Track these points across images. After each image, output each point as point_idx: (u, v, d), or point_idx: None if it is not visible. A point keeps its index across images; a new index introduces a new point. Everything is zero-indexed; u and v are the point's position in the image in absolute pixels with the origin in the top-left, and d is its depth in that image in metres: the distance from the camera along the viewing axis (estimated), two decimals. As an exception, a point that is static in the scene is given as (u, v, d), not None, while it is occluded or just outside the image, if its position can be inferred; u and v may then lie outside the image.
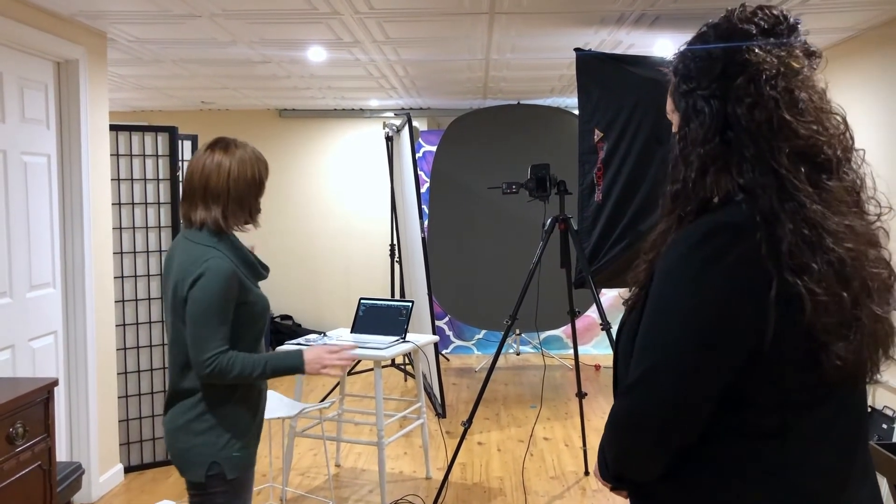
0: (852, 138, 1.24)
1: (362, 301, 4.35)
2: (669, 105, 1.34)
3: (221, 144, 2.28)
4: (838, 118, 1.23)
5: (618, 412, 1.24)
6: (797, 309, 1.12)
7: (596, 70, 3.93)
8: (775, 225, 1.14)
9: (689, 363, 1.16)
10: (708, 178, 1.22)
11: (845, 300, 1.13)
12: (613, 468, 1.29)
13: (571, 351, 7.61)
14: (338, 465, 4.66)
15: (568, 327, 7.38)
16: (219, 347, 2.16)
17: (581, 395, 4.35)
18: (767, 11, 1.25)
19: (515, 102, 6.95)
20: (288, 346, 3.87)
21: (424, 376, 6.06)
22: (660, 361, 1.18)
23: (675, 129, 1.31)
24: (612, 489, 1.33)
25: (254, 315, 2.28)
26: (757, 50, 1.22)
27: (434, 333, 5.30)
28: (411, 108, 7.66)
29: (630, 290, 1.35)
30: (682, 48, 1.31)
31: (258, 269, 2.32)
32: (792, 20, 1.26)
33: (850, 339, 1.14)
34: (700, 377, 1.16)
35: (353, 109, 7.78)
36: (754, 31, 1.23)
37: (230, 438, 2.24)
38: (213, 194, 2.22)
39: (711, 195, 1.21)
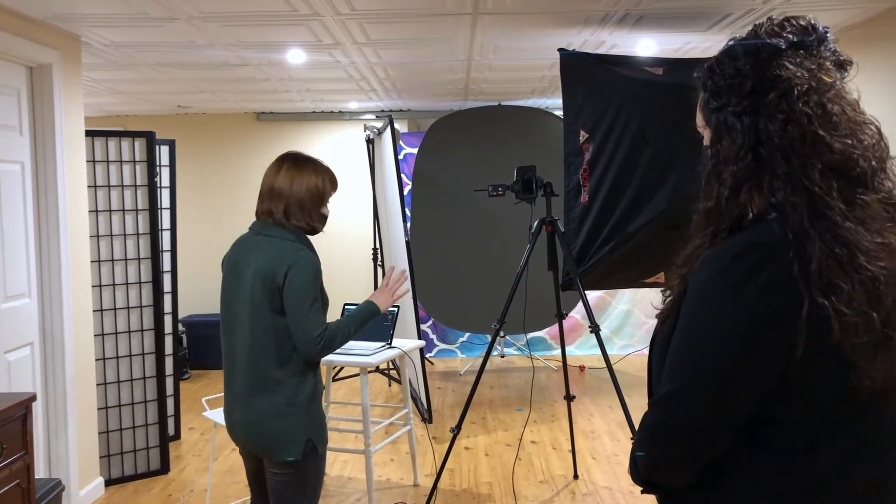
0: (887, 147, 1.22)
1: (347, 307, 4.28)
2: (700, 120, 1.32)
3: (291, 156, 2.62)
4: (873, 128, 1.21)
5: (647, 424, 1.25)
6: (826, 329, 1.11)
7: (580, 71, 3.89)
8: (806, 244, 1.13)
9: (718, 382, 1.16)
10: (741, 196, 1.21)
11: (875, 320, 1.11)
12: (644, 474, 1.29)
13: (556, 352, 7.61)
14: (324, 474, 4.58)
15: (551, 328, 7.36)
16: (324, 323, 2.44)
17: (569, 399, 4.31)
18: (795, 23, 1.23)
19: (496, 104, 6.92)
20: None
21: (409, 381, 6.00)
22: (689, 379, 1.18)
23: (706, 142, 1.30)
24: (643, 492, 1.35)
25: (325, 305, 2.53)
26: (787, 65, 1.19)
27: (419, 338, 5.26)
28: (391, 110, 7.60)
29: (663, 302, 1.34)
30: (709, 63, 1.28)
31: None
32: (821, 30, 1.23)
33: (881, 358, 1.12)
34: (729, 396, 1.17)
35: (332, 112, 7.71)
36: (783, 46, 1.21)
37: (317, 415, 2.50)
38: (276, 194, 2.53)
39: (744, 212, 1.21)
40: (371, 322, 2.63)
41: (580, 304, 7.23)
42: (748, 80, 1.21)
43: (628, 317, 7.63)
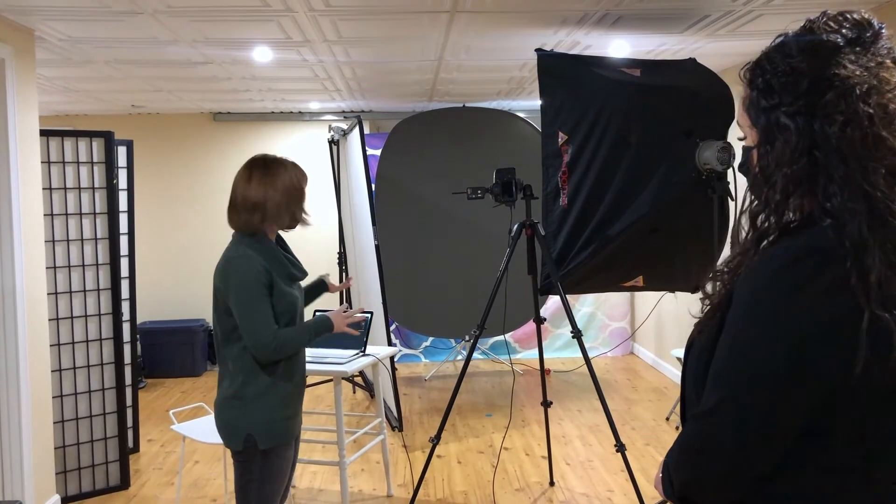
0: None
1: (318, 313, 4.13)
2: (745, 120, 1.24)
3: (260, 162, 2.63)
4: None
5: (690, 438, 1.17)
6: (886, 343, 1.04)
7: (559, 71, 3.81)
8: (864, 253, 1.06)
9: (769, 394, 1.08)
10: (793, 201, 1.14)
11: None
12: (679, 491, 1.21)
13: (519, 355, 7.55)
14: (293, 486, 4.43)
15: (515, 332, 7.30)
16: (272, 326, 2.49)
17: (546, 405, 4.25)
18: (850, 17, 1.16)
19: (461, 105, 6.83)
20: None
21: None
22: (739, 390, 1.10)
23: (749, 142, 1.23)
24: None
25: (289, 302, 2.58)
26: (846, 63, 1.12)
27: (390, 344, 5.14)
28: (353, 111, 7.46)
29: (701, 311, 1.25)
30: (758, 59, 1.21)
31: (288, 268, 2.61)
32: (876, 25, 1.16)
33: None
34: (781, 409, 1.09)
35: (291, 112, 7.53)
36: (841, 43, 1.14)
37: (264, 412, 2.54)
38: (252, 205, 2.58)
39: (794, 218, 1.14)
40: (321, 337, 2.66)
41: (544, 306, 7.20)
42: (804, 78, 1.14)
43: (592, 319, 7.62)
